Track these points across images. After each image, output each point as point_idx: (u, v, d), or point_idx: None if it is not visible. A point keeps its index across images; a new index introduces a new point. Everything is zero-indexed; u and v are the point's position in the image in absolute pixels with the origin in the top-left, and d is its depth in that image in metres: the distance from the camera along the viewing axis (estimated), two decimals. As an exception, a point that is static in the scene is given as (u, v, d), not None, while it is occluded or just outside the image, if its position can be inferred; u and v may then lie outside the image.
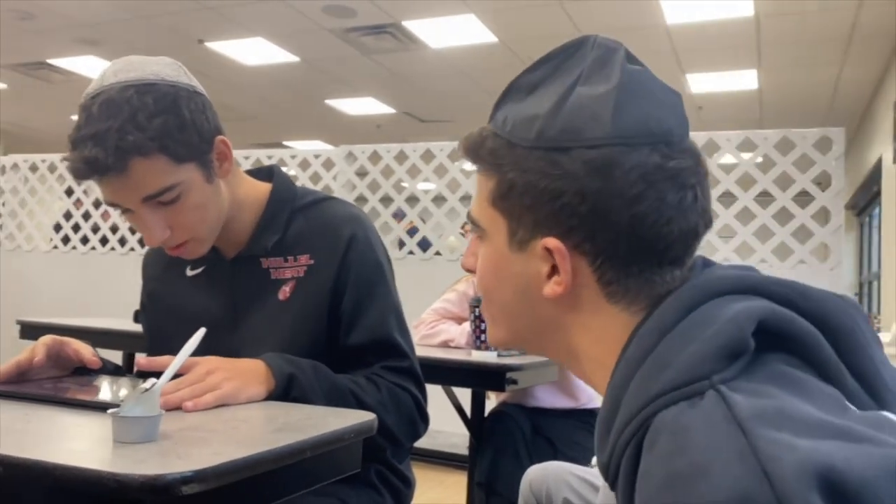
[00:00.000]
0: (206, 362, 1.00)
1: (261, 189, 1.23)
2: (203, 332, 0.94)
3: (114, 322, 2.82)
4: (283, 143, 10.20)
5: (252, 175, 1.26)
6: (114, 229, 4.94)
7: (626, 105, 0.60)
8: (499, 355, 1.99)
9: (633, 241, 0.59)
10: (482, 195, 0.66)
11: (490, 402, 2.32)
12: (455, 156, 4.10)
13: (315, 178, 4.50)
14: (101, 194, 1.07)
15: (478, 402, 2.14)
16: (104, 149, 1.00)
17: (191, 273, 1.25)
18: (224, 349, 1.05)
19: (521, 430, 2.08)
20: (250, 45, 6.27)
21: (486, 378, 1.92)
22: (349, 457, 0.92)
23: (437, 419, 1.25)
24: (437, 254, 4.21)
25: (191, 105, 1.06)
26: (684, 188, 0.60)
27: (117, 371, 1.22)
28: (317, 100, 8.04)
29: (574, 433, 2.17)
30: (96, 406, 0.94)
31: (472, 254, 0.62)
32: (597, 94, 0.60)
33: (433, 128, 8.76)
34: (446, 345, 2.25)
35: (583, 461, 1.68)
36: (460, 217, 4.12)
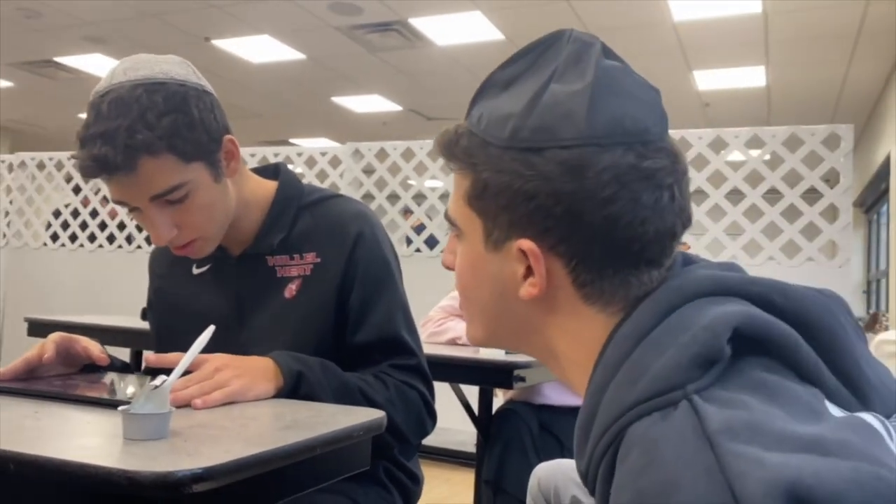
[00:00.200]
0: (215, 359, 1.00)
1: (267, 187, 1.22)
2: (212, 329, 0.94)
3: (121, 320, 2.83)
4: (290, 140, 10.21)
5: (258, 173, 1.26)
6: (121, 227, 4.95)
7: (600, 103, 0.59)
8: (507, 353, 1.99)
9: (608, 242, 0.58)
10: (458, 194, 0.66)
11: (497, 399, 2.32)
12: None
13: (322, 176, 4.50)
14: (109, 193, 1.07)
15: (485, 400, 2.13)
16: (113, 147, 1.00)
17: (197, 271, 1.25)
18: (230, 347, 1.05)
19: (528, 427, 2.07)
20: (257, 43, 6.28)
21: (494, 375, 1.92)
22: (359, 454, 0.92)
23: (444, 417, 1.25)
24: (444, 251, 4.21)
25: (200, 104, 1.06)
26: (660, 188, 0.58)
27: (125, 368, 1.22)
28: (323, 97, 8.04)
29: (582, 431, 2.17)
30: (106, 403, 0.94)
31: (451, 252, 0.62)
32: (571, 92, 0.59)
33: (439, 125, 8.67)
34: (454, 342, 2.24)
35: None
36: (467, 214, 4.12)
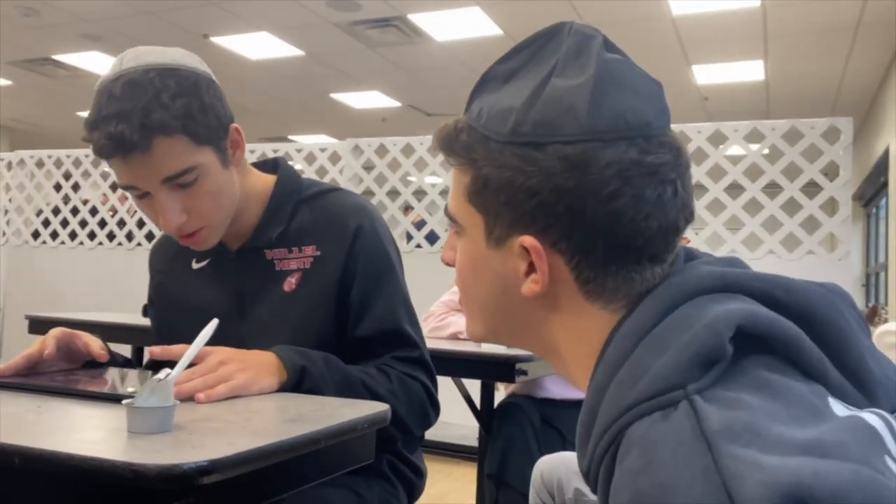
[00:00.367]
0: (219, 353, 1.00)
1: (266, 181, 1.22)
2: (216, 323, 0.94)
3: (122, 316, 2.83)
4: (289, 137, 10.20)
5: (257, 168, 1.26)
6: (121, 224, 4.95)
7: (602, 98, 0.58)
8: (508, 346, 1.99)
9: (611, 238, 0.57)
10: (458, 190, 0.65)
11: (499, 393, 2.32)
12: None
13: (321, 172, 4.49)
14: (119, 177, 1.07)
15: (487, 394, 2.13)
16: (129, 125, 1.01)
17: (196, 266, 1.25)
18: (230, 341, 1.05)
19: (530, 421, 2.07)
20: (255, 40, 6.26)
21: (496, 369, 1.92)
22: (363, 447, 0.92)
23: (446, 411, 1.25)
24: (444, 247, 4.20)
25: (210, 90, 1.08)
26: (663, 183, 0.58)
27: (127, 364, 1.22)
28: (322, 94, 8.03)
29: (583, 425, 2.17)
30: (109, 397, 0.94)
31: (450, 248, 0.61)
32: (572, 86, 0.58)
33: (439, 121, 8.63)
34: (456, 337, 2.25)
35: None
36: (467, 210, 4.11)
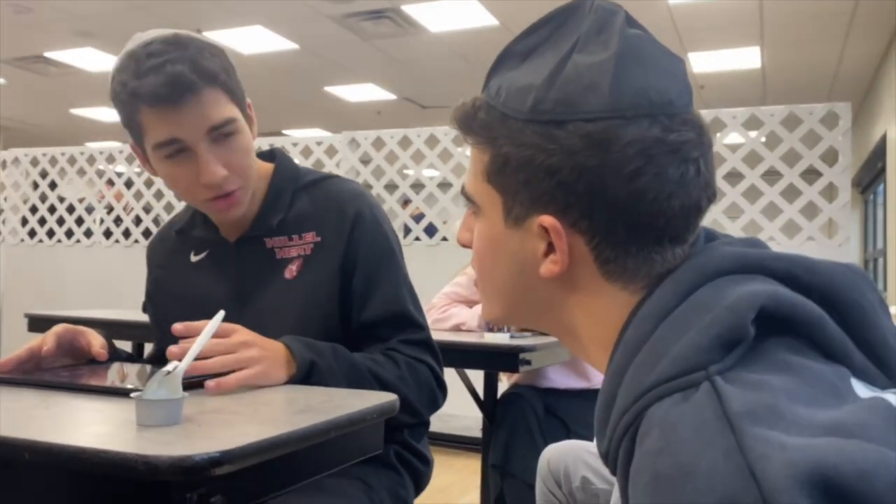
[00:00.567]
0: (242, 333, 1.00)
1: (264, 169, 1.23)
2: (222, 314, 0.94)
3: (121, 313, 2.82)
4: (283, 131, 10.17)
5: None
6: (117, 221, 4.93)
7: (624, 75, 0.57)
8: (511, 337, 1.99)
9: (632, 218, 0.56)
10: (476, 169, 0.63)
11: (502, 384, 2.32)
12: (460, 140, 4.07)
13: (318, 166, 4.48)
14: (157, 132, 1.07)
15: (490, 384, 2.13)
16: (184, 68, 1.05)
17: (195, 258, 1.25)
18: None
19: (534, 411, 2.07)
20: (248, 34, 6.24)
21: (499, 360, 1.92)
22: (372, 437, 0.91)
23: (449, 403, 1.26)
24: (444, 239, 4.20)
25: (231, 61, 1.14)
26: (686, 162, 0.57)
27: (129, 359, 1.22)
28: (316, 87, 8.00)
29: (587, 413, 2.14)
30: (116, 391, 0.93)
31: (467, 229, 0.60)
32: (594, 63, 0.57)
33: (434, 113, 8.72)
34: (458, 328, 2.24)
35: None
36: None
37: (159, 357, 1.29)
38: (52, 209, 5.08)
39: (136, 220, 4.84)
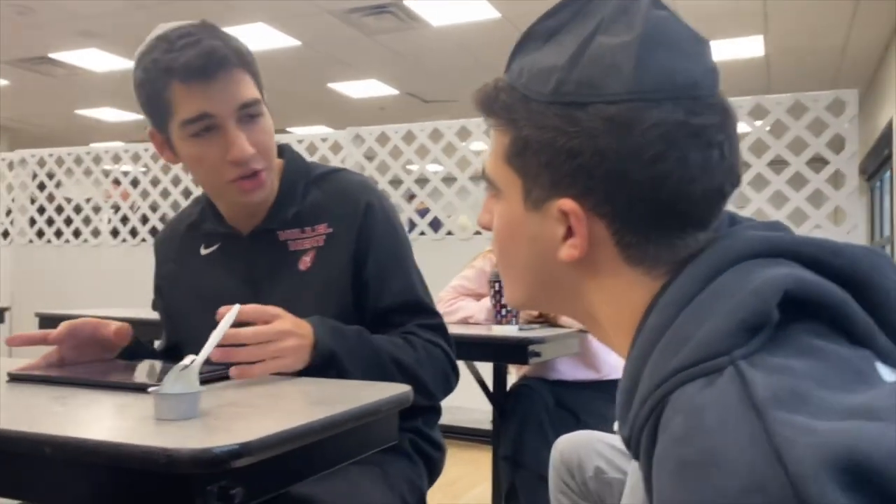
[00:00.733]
0: (286, 320, 1.01)
1: (275, 163, 1.23)
2: (237, 308, 0.94)
3: (131, 311, 2.83)
4: (287, 129, 10.17)
5: None
6: (124, 220, 4.95)
7: (649, 56, 0.56)
8: (520, 329, 1.99)
9: (654, 203, 0.56)
10: (497, 152, 0.63)
11: (510, 377, 2.33)
12: (464, 135, 4.07)
13: (323, 162, 4.46)
14: (188, 108, 1.09)
15: (500, 377, 2.14)
16: (220, 44, 1.09)
17: (205, 252, 1.26)
18: (247, 323, 1.05)
19: (544, 403, 2.08)
20: (251, 31, 6.23)
21: (508, 352, 1.92)
22: (387, 428, 0.92)
23: (459, 395, 1.27)
24: (449, 233, 4.20)
25: None
26: (710, 146, 0.56)
27: (151, 353, 1.23)
28: (319, 84, 8.00)
29: (597, 404, 2.17)
30: (133, 387, 0.94)
31: (487, 211, 0.60)
32: (618, 44, 0.56)
33: (437, 108, 8.71)
34: (466, 321, 2.25)
35: (607, 432, 1.68)
36: (471, 196, 4.10)
37: (169, 351, 1.29)
38: (59, 209, 5.10)
39: (143, 219, 4.85)
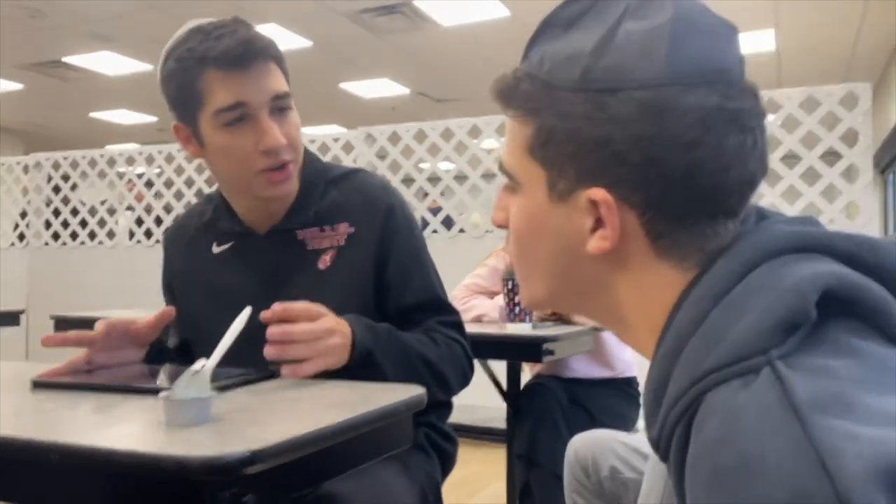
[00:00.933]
0: (329, 319, 1.02)
1: (301, 159, 1.24)
2: (249, 310, 0.94)
3: (146, 312, 2.84)
4: (299, 129, 10.19)
5: None
6: (139, 222, 4.98)
7: (681, 40, 0.54)
8: (534, 327, 1.98)
9: (688, 191, 0.54)
10: (517, 144, 0.60)
11: (524, 375, 2.32)
12: (475, 133, 4.06)
13: (335, 162, 4.47)
14: (223, 97, 1.10)
15: (514, 375, 2.13)
16: (257, 35, 1.11)
17: (217, 250, 1.26)
18: (261, 323, 1.05)
19: (558, 401, 2.07)
20: (263, 32, 6.23)
21: (522, 350, 1.92)
22: (402, 431, 0.92)
23: (473, 394, 1.27)
24: (461, 231, 4.20)
25: None
26: (745, 132, 0.54)
27: (170, 354, 1.24)
28: (331, 84, 8.01)
29: (612, 402, 2.16)
30: (143, 391, 0.94)
31: (501, 208, 0.58)
32: (649, 29, 0.55)
33: (448, 107, 8.70)
34: (479, 320, 2.24)
35: (621, 430, 1.67)
36: (483, 194, 4.09)
37: (180, 349, 1.29)
38: (74, 212, 5.14)
39: (157, 221, 4.88)
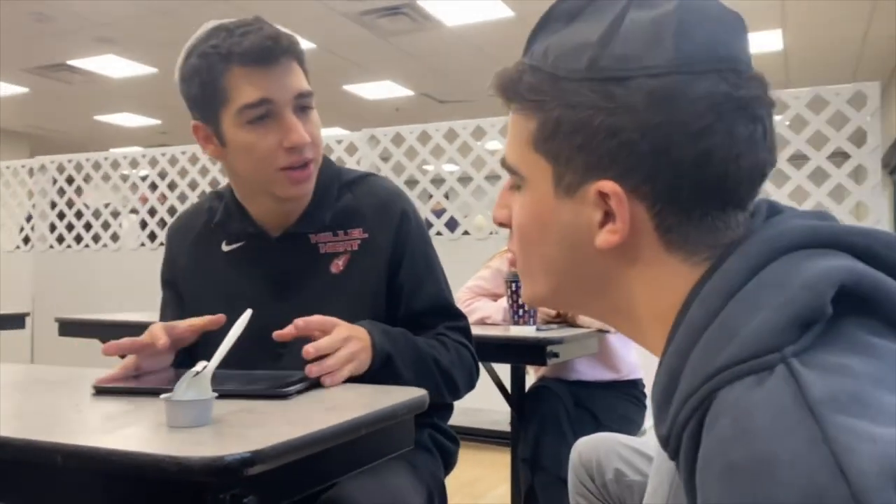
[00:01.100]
0: (343, 328, 1.03)
1: (320, 160, 1.24)
2: (249, 313, 0.93)
3: (149, 315, 2.84)
4: (303, 131, 10.20)
5: None
6: (143, 225, 4.99)
7: (689, 28, 0.53)
8: (538, 329, 1.97)
9: (698, 180, 0.53)
10: (521, 138, 0.59)
11: (528, 378, 2.31)
12: (479, 134, 4.06)
13: (339, 164, 4.48)
14: (248, 92, 1.10)
15: (518, 378, 2.12)
16: (283, 33, 1.11)
17: (227, 248, 1.25)
18: (272, 324, 1.04)
19: (563, 404, 2.06)
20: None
21: (526, 352, 1.90)
22: (403, 434, 0.91)
23: (477, 397, 1.28)
24: (465, 233, 4.19)
25: None
26: (754, 120, 0.54)
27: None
28: (334, 86, 8.02)
29: (617, 405, 2.15)
30: (146, 392, 0.94)
31: (503, 206, 0.57)
32: (656, 17, 0.54)
33: (452, 108, 8.70)
34: (483, 322, 2.23)
35: (627, 433, 1.66)
36: (487, 196, 4.09)
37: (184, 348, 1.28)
38: (78, 214, 5.16)
39: (161, 223, 4.89)
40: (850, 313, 0.47)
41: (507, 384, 2.16)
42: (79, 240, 5.14)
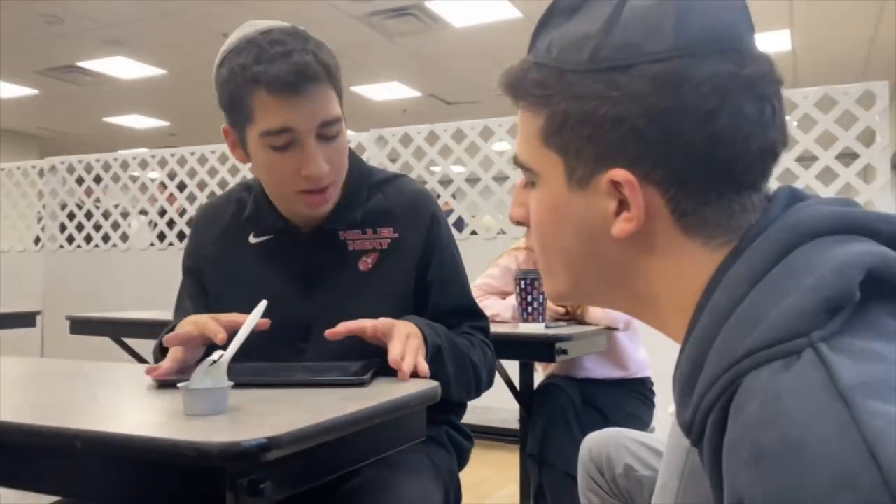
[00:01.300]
0: (402, 326, 1.05)
1: (343, 178, 1.24)
2: (265, 304, 0.94)
3: (160, 314, 2.86)
4: (311, 133, 10.22)
5: None
6: (152, 225, 5.01)
7: (688, 10, 0.54)
8: (546, 326, 1.98)
9: (710, 163, 0.53)
10: (530, 135, 0.60)
11: (537, 375, 2.31)
12: (487, 134, 4.06)
13: (347, 164, 4.49)
14: (272, 120, 1.09)
15: (526, 375, 2.13)
16: (311, 59, 1.08)
17: (255, 241, 1.25)
18: (297, 318, 1.05)
19: (571, 401, 2.06)
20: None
21: (535, 350, 1.91)
22: (416, 424, 0.92)
23: (486, 395, 1.29)
24: (473, 233, 4.20)
25: None
26: (762, 99, 0.54)
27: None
28: (343, 88, 8.03)
29: (625, 403, 2.15)
30: (163, 383, 0.95)
31: (519, 204, 0.57)
32: (654, 3, 0.55)
33: (459, 110, 8.71)
34: (492, 320, 2.23)
35: (636, 430, 1.66)
36: (495, 196, 4.09)
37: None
38: (88, 215, 5.19)
39: (170, 223, 4.91)
40: (876, 299, 0.47)
41: (516, 381, 2.17)
42: (88, 240, 5.17)
